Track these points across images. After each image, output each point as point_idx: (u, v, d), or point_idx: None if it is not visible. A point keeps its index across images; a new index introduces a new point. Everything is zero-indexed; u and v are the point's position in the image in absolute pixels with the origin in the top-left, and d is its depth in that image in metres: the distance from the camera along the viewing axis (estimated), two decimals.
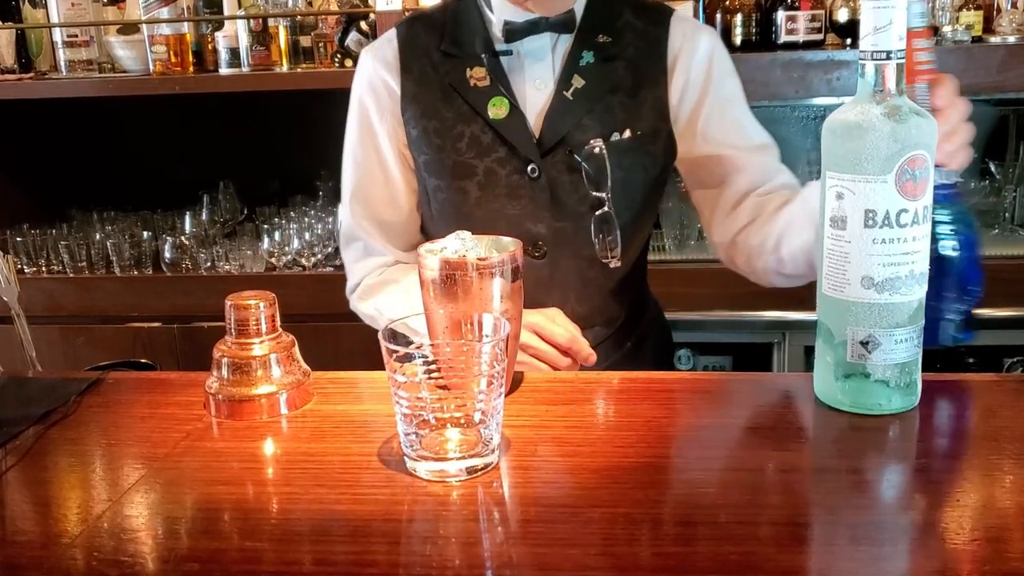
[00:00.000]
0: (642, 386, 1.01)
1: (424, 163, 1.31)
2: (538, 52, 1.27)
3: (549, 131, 1.25)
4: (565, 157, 1.25)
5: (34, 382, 1.08)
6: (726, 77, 1.31)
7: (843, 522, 0.72)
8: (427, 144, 1.29)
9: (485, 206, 1.28)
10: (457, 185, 1.28)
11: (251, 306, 0.95)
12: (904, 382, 0.88)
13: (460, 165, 1.27)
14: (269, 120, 2.73)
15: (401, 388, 0.80)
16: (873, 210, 0.84)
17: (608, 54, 1.27)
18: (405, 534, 0.74)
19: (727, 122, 1.30)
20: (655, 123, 1.27)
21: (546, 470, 0.82)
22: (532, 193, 1.26)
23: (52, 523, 0.77)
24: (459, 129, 1.27)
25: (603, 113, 1.25)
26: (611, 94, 1.26)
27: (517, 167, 1.26)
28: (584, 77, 1.26)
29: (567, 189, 1.26)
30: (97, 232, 2.51)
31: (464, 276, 0.91)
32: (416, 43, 1.31)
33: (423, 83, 1.30)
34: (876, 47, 0.84)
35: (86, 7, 2.53)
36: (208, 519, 0.76)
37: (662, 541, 0.71)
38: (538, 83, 1.27)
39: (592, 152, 1.23)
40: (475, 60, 1.28)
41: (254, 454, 0.89)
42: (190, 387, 1.02)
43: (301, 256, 2.36)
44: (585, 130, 1.24)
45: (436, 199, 1.32)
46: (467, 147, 1.27)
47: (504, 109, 1.26)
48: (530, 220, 1.27)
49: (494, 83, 1.26)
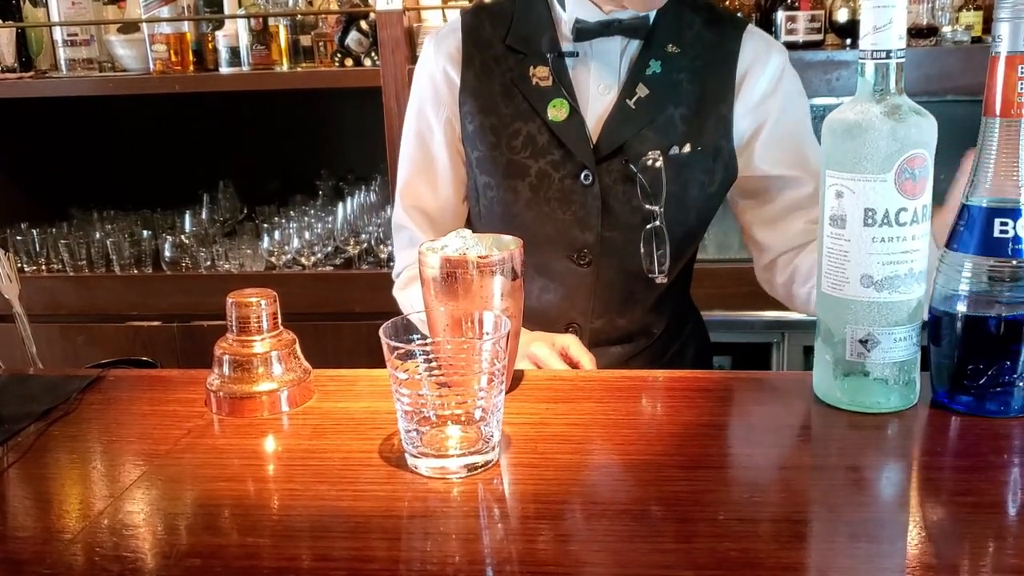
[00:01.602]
0: (642, 384, 1.02)
1: (477, 159, 1.28)
2: (605, 56, 1.24)
3: (607, 138, 1.23)
4: (621, 166, 1.22)
5: (35, 379, 1.08)
6: (793, 98, 1.28)
7: (842, 519, 0.73)
8: (481, 140, 1.27)
9: (535, 208, 1.25)
10: (508, 184, 1.26)
11: (252, 303, 0.95)
12: (903, 380, 0.89)
13: (513, 164, 1.25)
14: (269, 119, 2.74)
15: (402, 385, 0.80)
16: (872, 209, 0.84)
17: (676, 65, 1.23)
18: (405, 530, 0.74)
19: (787, 145, 1.26)
20: (717, 140, 1.24)
21: (546, 467, 0.82)
22: (584, 200, 1.24)
23: (53, 519, 0.77)
24: (516, 127, 1.25)
25: (665, 125, 1.23)
26: (674, 107, 1.23)
27: (571, 171, 1.23)
28: (649, 86, 1.23)
29: (620, 199, 1.23)
30: (97, 231, 2.51)
31: (465, 274, 0.91)
32: (480, 34, 1.29)
33: (484, 77, 1.27)
34: (876, 46, 0.84)
35: (86, 6, 2.53)
36: (209, 515, 0.77)
37: (662, 538, 0.71)
38: (602, 88, 1.24)
39: (649, 164, 1.20)
40: (539, 58, 1.25)
41: (255, 451, 0.89)
42: (191, 384, 1.02)
43: (301, 255, 2.36)
44: (644, 140, 1.22)
45: (486, 196, 1.30)
46: (522, 146, 1.25)
47: (564, 111, 1.23)
48: (579, 227, 1.25)
49: (556, 84, 1.23)
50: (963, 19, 2.18)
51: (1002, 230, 0.83)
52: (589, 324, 1.29)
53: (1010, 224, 0.83)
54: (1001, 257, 0.84)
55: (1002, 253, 0.83)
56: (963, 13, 2.20)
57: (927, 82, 2.10)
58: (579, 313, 1.27)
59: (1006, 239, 0.83)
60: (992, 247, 0.84)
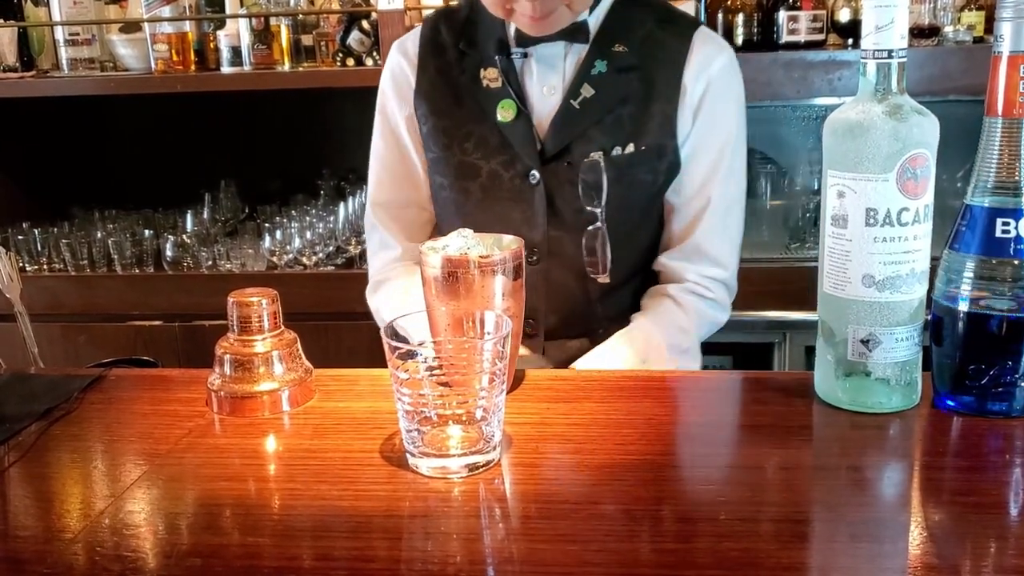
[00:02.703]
0: (643, 384, 1.02)
1: (432, 160, 1.31)
2: (550, 58, 1.26)
3: (552, 139, 1.24)
4: (565, 168, 1.24)
5: (37, 379, 1.08)
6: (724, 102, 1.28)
7: (843, 519, 0.73)
8: (435, 142, 1.29)
9: (487, 208, 1.27)
10: (460, 185, 1.28)
11: (254, 303, 0.95)
12: (905, 380, 0.88)
13: (465, 165, 1.27)
14: (271, 119, 2.74)
15: (403, 385, 0.80)
16: (874, 208, 0.84)
17: (623, 64, 1.24)
18: (406, 530, 0.74)
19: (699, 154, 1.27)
20: (661, 139, 1.25)
21: (547, 467, 0.82)
22: (531, 199, 1.26)
23: (54, 519, 0.77)
24: (467, 128, 1.27)
25: (611, 125, 1.23)
26: (621, 105, 1.23)
27: (520, 172, 1.25)
28: (594, 87, 1.23)
29: (565, 199, 1.25)
30: (99, 230, 2.51)
31: (466, 274, 0.91)
32: (437, 40, 1.31)
33: (438, 81, 1.30)
34: (878, 46, 0.84)
35: (88, 5, 2.53)
36: (210, 515, 0.77)
37: (663, 537, 0.71)
38: (546, 89, 1.26)
39: (590, 165, 1.21)
40: (489, 60, 1.27)
41: (256, 450, 0.89)
42: (192, 384, 1.02)
43: (302, 255, 2.36)
44: (589, 141, 1.23)
45: (440, 196, 1.33)
46: (474, 147, 1.27)
47: (512, 112, 1.25)
48: (527, 226, 1.26)
49: (504, 85, 1.25)
50: (965, 19, 2.18)
51: (1004, 230, 0.83)
52: (544, 319, 1.30)
53: (1012, 224, 0.83)
54: (1003, 257, 0.83)
55: (1004, 253, 0.83)
56: (965, 13, 2.20)
57: (929, 82, 2.10)
58: (532, 309, 1.28)
59: (1008, 239, 0.83)
60: (994, 247, 0.84)
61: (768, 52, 2.19)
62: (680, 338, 1.27)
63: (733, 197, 1.31)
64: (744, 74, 1.34)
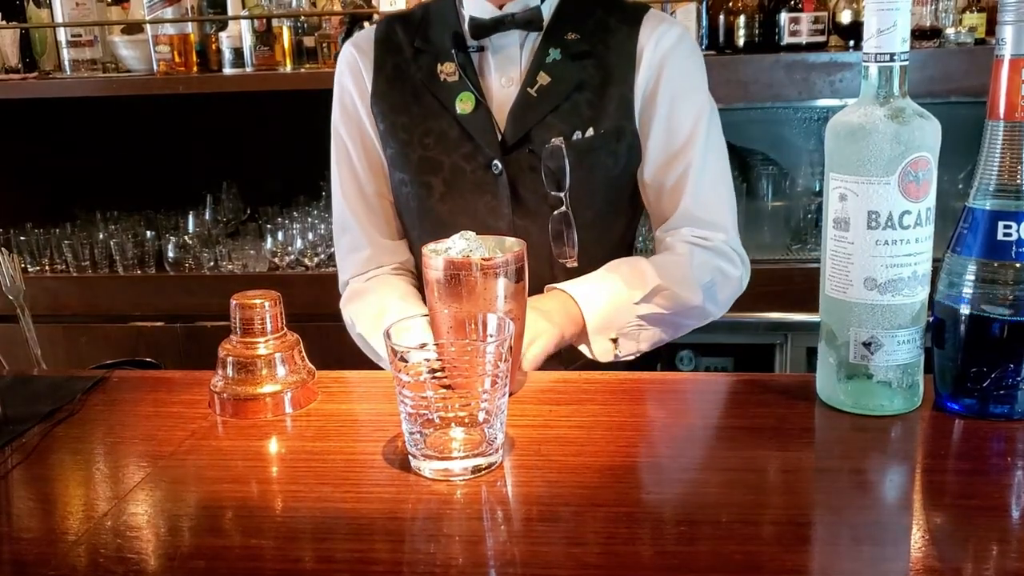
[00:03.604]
0: (646, 386, 1.02)
1: (391, 156, 1.32)
2: (506, 49, 1.28)
3: (512, 128, 1.26)
4: (527, 155, 1.25)
5: (39, 380, 1.08)
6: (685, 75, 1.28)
7: (845, 522, 0.73)
8: (394, 138, 1.30)
9: (449, 202, 1.28)
10: (421, 180, 1.29)
11: (256, 305, 0.96)
12: (906, 383, 0.89)
13: (425, 160, 1.28)
14: (272, 120, 2.73)
15: (406, 387, 0.80)
16: (876, 212, 0.84)
17: (576, 51, 1.27)
18: (409, 532, 0.74)
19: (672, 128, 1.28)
20: (619, 121, 1.27)
21: (549, 469, 0.83)
22: (495, 190, 1.27)
23: (57, 521, 0.77)
24: (427, 125, 1.28)
25: (568, 111, 1.25)
26: (577, 91, 1.26)
27: (482, 163, 1.26)
28: (550, 74, 1.26)
29: (529, 187, 1.26)
30: (101, 231, 2.52)
31: (468, 276, 0.91)
32: (391, 41, 1.33)
33: (395, 80, 1.31)
34: (880, 49, 0.84)
35: (90, 7, 2.53)
36: (213, 517, 0.77)
37: (665, 540, 0.71)
38: (504, 80, 1.28)
39: (551, 151, 1.23)
40: (446, 55, 1.29)
41: (259, 453, 0.89)
42: (195, 386, 1.03)
43: (304, 256, 2.37)
44: (549, 128, 1.25)
45: (400, 193, 1.33)
46: (434, 143, 1.28)
47: (470, 104, 1.26)
48: (492, 217, 1.27)
49: (462, 78, 1.27)
50: (967, 21, 2.18)
51: (1006, 233, 0.83)
52: None
53: (1014, 227, 0.83)
54: (1004, 260, 0.84)
55: (1005, 256, 0.83)
56: (967, 15, 2.20)
57: (931, 83, 2.10)
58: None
59: (1009, 242, 0.83)
60: (995, 250, 0.84)
61: (770, 54, 2.19)
62: (672, 270, 1.25)
63: (718, 170, 1.31)
64: (746, 75, 1.34)
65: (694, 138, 1.29)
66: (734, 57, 2.18)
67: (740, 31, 2.27)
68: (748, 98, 2.14)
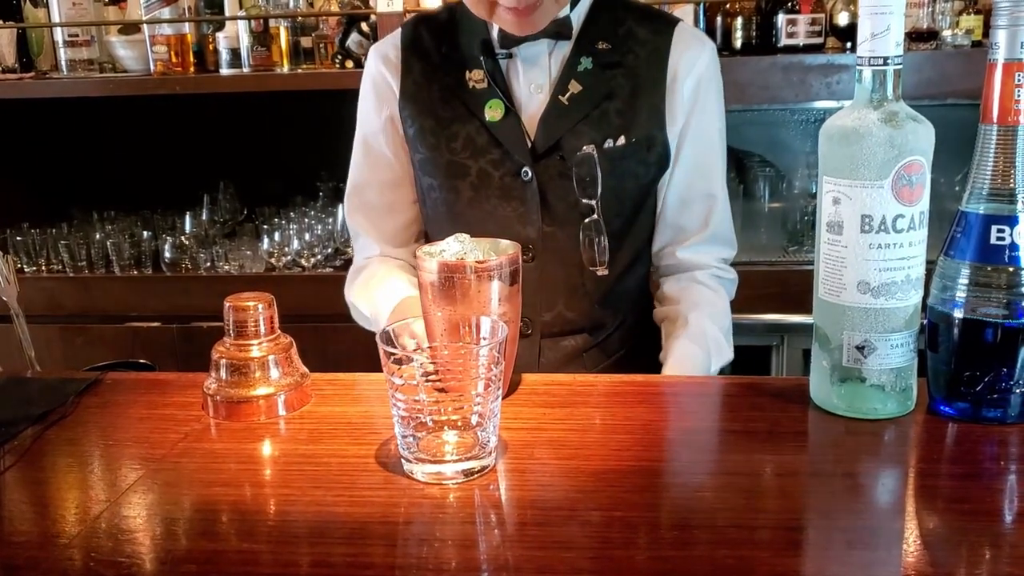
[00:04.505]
0: (639, 389, 1.02)
1: (419, 161, 1.32)
2: (535, 57, 1.27)
3: (543, 135, 1.25)
4: (558, 162, 1.25)
5: (33, 382, 1.08)
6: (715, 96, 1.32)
7: (838, 527, 0.73)
8: (422, 142, 1.30)
9: (477, 207, 1.28)
10: (450, 184, 1.29)
11: (250, 307, 0.95)
12: (900, 387, 0.89)
13: (453, 165, 1.28)
14: (269, 121, 2.74)
15: (398, 391, 0.80)
16: (869, 215, 0.84)
17: (607, 61, 1.26)
18: (402, 536, 0.74)
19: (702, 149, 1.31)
20: (650, 131, 1.27)
21: (542, 473, 0.82)
22: (524, 196, 1.26)
23: (49, 524, 0.77)
24: (454, 129, 1.28)
25: (599, 119, 1.25)
26: (607, 100, 1.26)
27: (510, 170, 1.26)
28: (581, 83, 1.26)
29: (558, 194, 1.26)
30: (97, 231, 2.51)
31: (462, 279, 0.91)
32: (419, 44, 1.33)
33: (423, 83, 1.31)
34: (874, 53, 0.84)
35: (87, 7, 2.53)
36: (205, 520, 0.77)
37: (658, 545, 0.71)
38: (534, 87, 1.28)
39: (583, 158, 1.23)
40: (474, 62, 1.28)
41: (252, 455, 0.89)
42: (188, 388, 1.02)
43: (301, 257, 2.36)
44: (579, 136, 1.24)
45: (430, 198, 1.33)
46: (462, 147, 1.28)
47: (500, 112, 1.26)
48: (520, 223, 1.27)
49: (491, 86, 1.27)
50: (963, 23, 2.18)
51: (999, 237, 0.83)
52: (539, 317, 1.30)
53: (1007, 231, 0.83)
54: (998, 264, 0.84)
55: (999, 260, 0.83)
56: (963, 17, 2.20)
57: (927, 86, 2.10)
58: (528, 307, 1.28)
59: (1003, 246, 0.83)
60: (989, 254, 0.84)
61: (767, 55, 2.19)
62: (725, 321, 1.32)
63: (725, 181, 1.36)
64: (743, 77, 1.35)
65: (718, 159, 1.33)
66: (731, 59, 2.18)
67: (737, 32, 2.27)
68: (745, 100, 2.14)
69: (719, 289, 1.34)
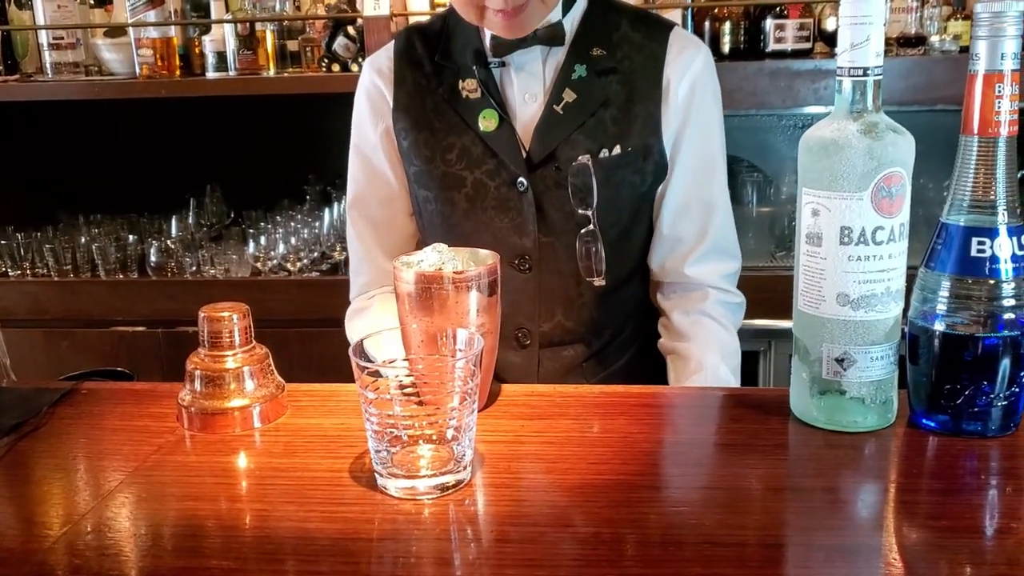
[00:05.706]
0: (620, 401, 1.01)
1: (414, 174, 1.30)
2: (528, 65, 1.25)
3: (538, 145, 1.24)
4: (553, 172, 1.23)
5: (6, 392, 1.07)
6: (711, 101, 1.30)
7: (817, 543, 0.72)
8: (417, 155, 1.28)
9: (473, 218, 1.27)
10: (446, 196, 1.27)
11: (224, 318, 0.94)
12: (880, 400, 0.88)
13: (449, 176, 1.27)
14: (256, 124, 2.73)
15: (372, 405, 0.79)
16: (849, 227, 0.83)
17: (602, 67, 1.24)
18: (375, 553, 0.73)
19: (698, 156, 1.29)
20: (646, 139, 1.25)
21: (519, 488, 0.82)
22: (520, 207, 1.25)
23: (14, 540, 0.76)
24: (449, 140, 1.26)
25: (594, 128, 1.23)
26: (603, 108, 1.24)
27: (506, 180, 1.25)
28: (576, 91, 1.24)
29: (554, 205, 1.24)
30: (82, 235, 2.49)
31: (440, 289, 0.90)
32: (411, 55, 1.31)
33: (416, 95, 1.29)
34: (853, 63, 0.83)
35: (72, 9, 2.52)
36: (176, 536, 0.75)
37: (633, 562, 0.70)
38: (528, 96, 1.26)
39: (579, 168, 1.21)
40: (467, 71, 1.26)
41: (224, 469, 0.88)
42: (164, 398, 1.01)
43: (287, 261, 2.35)
44: (575, 145, 1.23)
45: (426, 210, 1.32)
46: (457, 159, 1.26)
47: (494, 122, 1.24)
48: (517, 234, 1.26)
49: (484, 95, 1.25)
50: (951, 29, 2.18)
51: (979, 249, 0.82)
52: (537, 328, 1.29)
53: (987, 243, 0.82)
54: (978, 276, 0.83)
55: (979, 272, 0.83)
56: (951, 23, 2.20)
57: (915, 91, 2.10)
58: (526, 318, 1.28)
59: (983, 258, 0.82)
60: (969, 266, 0.83)
61: (754, 60, 2.19)
62: (735, 360, 1.32)
63: (725, 190, 1.34)
64: (730, 82, 1.34)
65: (716, 167, 1.31)
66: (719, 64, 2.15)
67: (725, 38, 2.27)
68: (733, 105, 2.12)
69: (729, 326, 1.33)
